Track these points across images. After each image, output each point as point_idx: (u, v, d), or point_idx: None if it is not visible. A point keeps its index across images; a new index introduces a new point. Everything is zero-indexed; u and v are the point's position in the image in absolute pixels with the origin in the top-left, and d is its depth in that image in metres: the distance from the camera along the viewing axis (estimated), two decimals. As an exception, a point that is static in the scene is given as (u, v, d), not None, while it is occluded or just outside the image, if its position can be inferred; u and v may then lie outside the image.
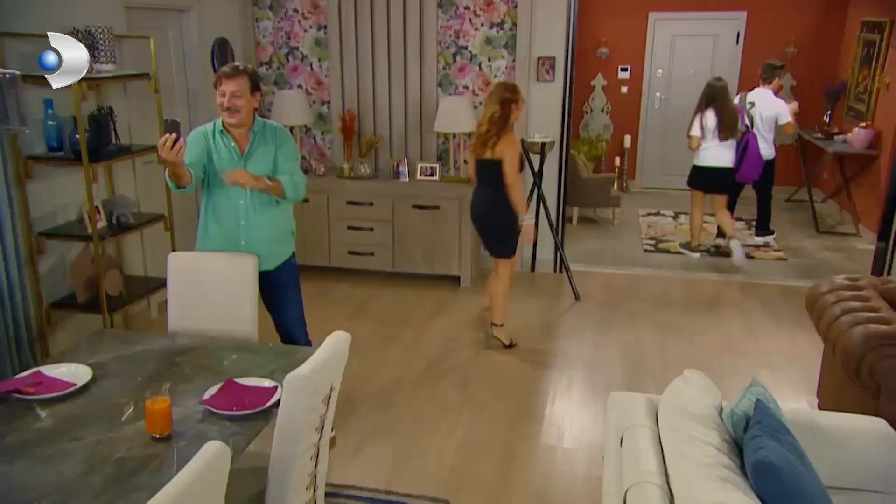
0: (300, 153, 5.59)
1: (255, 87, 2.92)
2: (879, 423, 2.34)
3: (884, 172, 5.88)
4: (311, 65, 5.55)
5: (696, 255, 6.03)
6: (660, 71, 8.20)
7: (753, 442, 1.99)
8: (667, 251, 6.17)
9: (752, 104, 5.88)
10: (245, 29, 5.46)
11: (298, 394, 1.88)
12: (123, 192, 4.14)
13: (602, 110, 8.48)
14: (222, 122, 2.94)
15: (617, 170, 8.29)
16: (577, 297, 5.04)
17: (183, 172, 2.72)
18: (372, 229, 5.24)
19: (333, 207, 5.27)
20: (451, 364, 4.06)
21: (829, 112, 7.33)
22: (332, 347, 2.06)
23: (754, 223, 6.64)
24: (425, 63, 5.31)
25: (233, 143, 2.95)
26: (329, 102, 5.58)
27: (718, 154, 5.59)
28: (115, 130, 3.80)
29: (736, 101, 5.87)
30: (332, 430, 2.29)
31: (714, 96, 5.53)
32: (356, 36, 5.35)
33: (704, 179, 5.73)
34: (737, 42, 7.95)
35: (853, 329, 2.78)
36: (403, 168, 5.26)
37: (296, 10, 5.44)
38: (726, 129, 5.51)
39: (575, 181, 6.70)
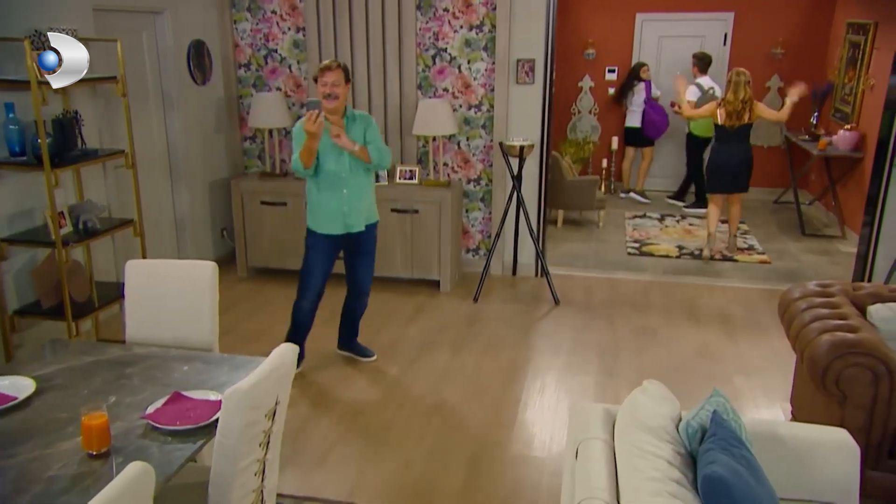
0: (279, 156, 5.57)
1: (347, 78, 3.55)
2: (841, 434, 2.30)
3: (867, 175, 5.84)
4: (289, 67, 5.50)
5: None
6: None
7: (705, 456, 1.95)
8: (650, 254, 6.13)
9: (712, 88, 6.85)
10: (223, 31, 5.41)
11: (237, 409, 1.83)
12: (94, 196, 4.09)
13: (590, 112, 8.44)
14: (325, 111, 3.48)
15: (604, 172, 8.25)
16: (556, 301, 4.99)
17: (315, 148, 3.48)
18: (350, 233, 5.19)
19: (312, 211, 5.22)
20: (425, 370, 4.01)
21: (816, 113, 7.30)
22: (276, 360, 2.02)
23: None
24: (404, 65, 5.26)
25: (327, 127, 3.53)
26: (308, 105, 5.53)
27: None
28: (80, 135, 3.75)
29: (694, 90, 6.86)
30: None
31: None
32: (335, 38, 5.30)
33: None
34: (724, 43, 7.91)
35: (820, 337, 2.73)
36: (382, 172, 5.21)
37: (274, 12, 5.40)
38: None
39: (559, 184, 6.66)
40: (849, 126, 6.43)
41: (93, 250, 4.15)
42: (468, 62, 5.20)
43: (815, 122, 7.26)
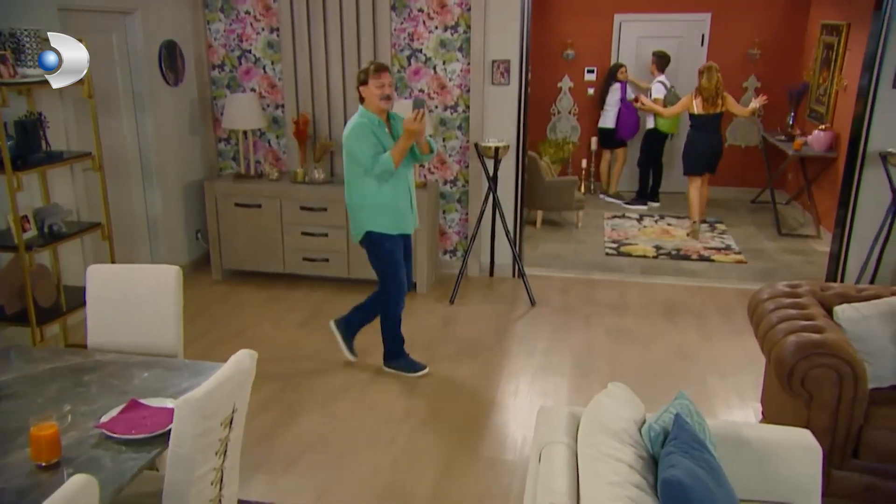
0: (254, 158, 5.52)
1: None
2: (804, 435, 2.30)
3: (841, 175, 5.89)
4: (263, 67, 5.45)
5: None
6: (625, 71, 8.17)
7: (666, 459, 1.94)
8: (628, 255, 6.15)
9: (673, 87, 7.14)
10: (196, 31, 5.35)
11: (191, 417, 1.80)
12: (61, 200, 4.03)
13: (569, 112, 8.45)
14: (372, 113, 3.60)
15: (584, 172, 8.27)
16: (532, 302, 4.99)
17: (424, 141, 3.71)
18: (326, 235, 5.16)
19: (287, 213, 5.18)
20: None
21: (792, 114, 7.35)
22: (233, 367, 1.99)
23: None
24: (379, 66, 5.22)
25: (385, 129, 3.67)
26: (283, 106, 5.48)
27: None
28: (45, 137, 3.69)
29: (660, 87, 7.26)
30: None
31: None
32: (309, 39, 5.26)
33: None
34: (702, 44, 7.95)
35: (787, 338, 2.74)
36: (358, 173, 5.18)
37: (247, 13, 5.35)
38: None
39: (537, 184, 6.66)
40: (823, 126, 6.48)
41: (60, 254, 4.09)
42: (443, 63, 5.18)
43: (791, 122, 7.32)
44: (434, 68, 5.20)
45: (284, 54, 5.33)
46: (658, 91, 7.20)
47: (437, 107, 5.27)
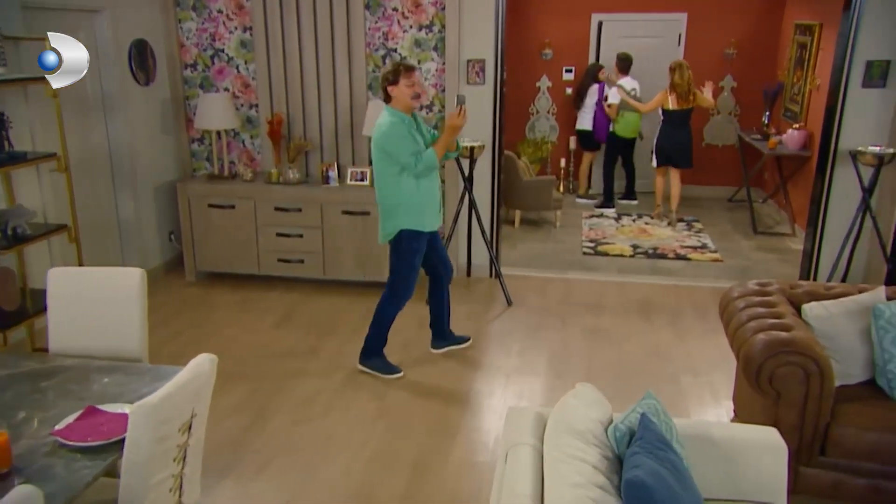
0: (228, 158, 5.46)
1: None
2: (771, 433, 2.31)
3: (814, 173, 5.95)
4: (237, 67, 5.39)
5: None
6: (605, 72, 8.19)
7: (630, 459, 1.93)
8: (605, 254, 6.16)
9: (635, 89, 7.19)
10: (167, 30, 5.28)
11: (146, 424, 1.76)
12: (27, 202, 3.95)
13: (548, 112, 8.46)
14: (402, 112, 3.63)
15: (562, 172, 8.28)
16: (509, 302, 4.98)
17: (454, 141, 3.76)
18: (301, 236, 5.11)
19: (261, 213, 5.13)
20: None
21: (767, 113, 7.41)
22: (192, 372, 1.95)
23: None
24: (354, 65, 5.19)
25: (415, 126, 3.69)
26: (257, 106, 5.43)
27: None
28: (7, 137, 3.61)
29: (609, 88, 7.36)
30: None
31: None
32: (283, 38, 5.21)
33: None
34: (679, 43, 7.99)
35: (755, 336, 2.75)
36: (333, 173, 5.14)
37: (220, 11, 5.28)
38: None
39: (515, 184, 6.66)
40: (797, 125, 6.54)
41: (26, 257, 4.01)
42: (418, 62, 5.15)
43: (766, 121, 7.38)
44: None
45: (258, 53, 5.28)
46: (614, 97, 7.28)
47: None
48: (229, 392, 3.72)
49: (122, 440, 1.94)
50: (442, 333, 4.23)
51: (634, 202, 7.85)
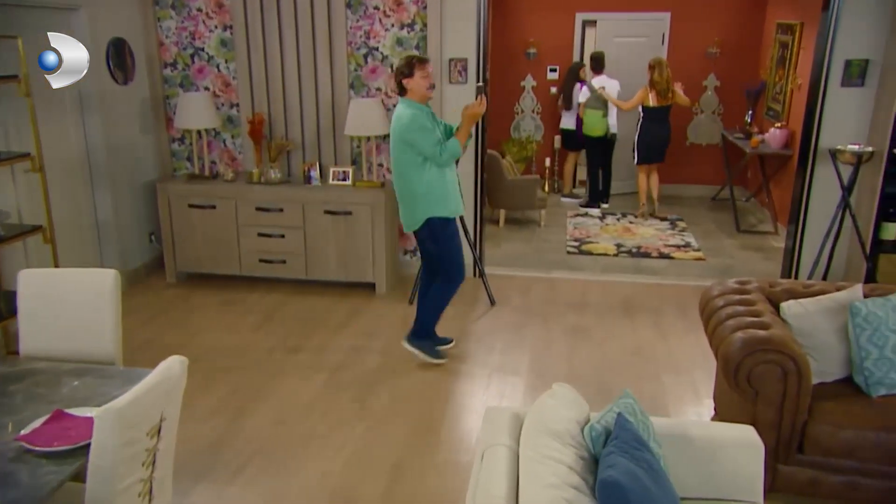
0: (208, 158, 5.40)
1: None
2: (747, 432, 2.30)
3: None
4: (217, 66, 5.34)
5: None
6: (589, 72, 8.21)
7: (605, 459, 1.92)
8: (589, 253, 6.16)
9: (603, 88, 7.21)
10: (146, 29, 5.22)
11: (111, 428, 1.73)
12: (0, 202, 3.88)
13: (532, 111, 8.46)
14: (419, 103, 3.73)
15: (547, 171, 8.28)
16: (492, 302, 4.96)
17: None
18: (283, 236, 5.07)
19: (242, 214, 5.08)
20: (353, 376, 3.93)
21: (750, 112, 7.45)
22: (161, 374, 1.91)
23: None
24: (336, 64, 5.16)
25: (433, 116, 3.82)
26: (238, 105, 5.38)
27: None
28: (-21, 137, 3.55)
29: (583, 87, 7.40)
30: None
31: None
32: (263, 37, 5.17)
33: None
34: (662, 43, 8.01)
35: (733, 335, 2.75)
36: (315, 173, 5.11)
37: (199, 10, 5.23)
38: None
39: (499, 183, 6.65)
40: (779, 124, 6.58)
41: (1, 259, 3.94)
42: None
43: (749, 120, 7.42)
44: (391, 67, 5.14)
45: (238, 52, 5.23)
46: (583, 95, 7.36)
47: (394, 106, 5.20)
48: (208, 394, 3.68)
49: (90, 445, 1.91)
50: (424, 330, 4.17)
51: (605, 205, 7.70)
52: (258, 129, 5.16)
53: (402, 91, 3.75)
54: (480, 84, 3.95)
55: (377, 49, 5.13)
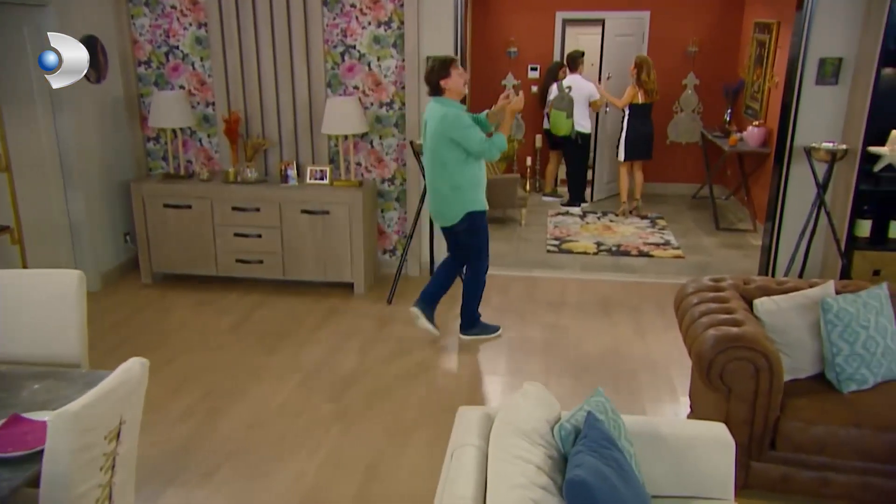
0: (184, 157, 5.34)
1: None
2: (718, 429, 2.30)
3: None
4: (192, 64, 5.27)
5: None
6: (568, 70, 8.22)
7: (574, 459, 1.91)
8: (569, 251, 6.16)
9: (570, 88, 7.19)
10: (119, 26, 5.14)
11: (66, 432, 1.68)
12: (-33, 202, 3.81)
13: (514, 110, 8.44)
14: (457, 101, 3.88)
15: (529, 170, 8.28)
16: (471, 301, 4.94)
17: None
18: (260, 236, 5.02)
19: (218, 213, 5.02)
20: (328, 377, 3.89)
21: (729, 110, 7.49)
22: (120, 377, 1.87)
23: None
24: (312, 62, 5.11)
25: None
26: (214, 104, 5.32)
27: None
28: (-57, 136, 3.48)
29: (554, 86, 7.36)
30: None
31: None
32: (239, 34, 5.11)
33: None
34: (642, 41, 8.03)
35: (706, 332, 2.75)
36: (292, 172, 5.06)
37: (174, 7, 5.16)
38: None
39: (479, 182, 6.62)
40: (757, 122, 6.61)
41: (-33, 260, 3.87)
42: (378, 59, 5.09)
43: (728, 118, 7.46)
44: (368, 65, 5.11)
45: (213, 50, 5.17)
46: (551, 94, 7.39)
47: (372, 104, 5.18)
48: (181, 396, 3.63)
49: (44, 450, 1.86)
50: (430, 300, 4.28)
51: (585, 204, 7.69)
52: (234, 128, 5.10)
53: (436, 91, 3.88)
54: (517, 83, 4.05)
55: (354, 47, 5.09)
